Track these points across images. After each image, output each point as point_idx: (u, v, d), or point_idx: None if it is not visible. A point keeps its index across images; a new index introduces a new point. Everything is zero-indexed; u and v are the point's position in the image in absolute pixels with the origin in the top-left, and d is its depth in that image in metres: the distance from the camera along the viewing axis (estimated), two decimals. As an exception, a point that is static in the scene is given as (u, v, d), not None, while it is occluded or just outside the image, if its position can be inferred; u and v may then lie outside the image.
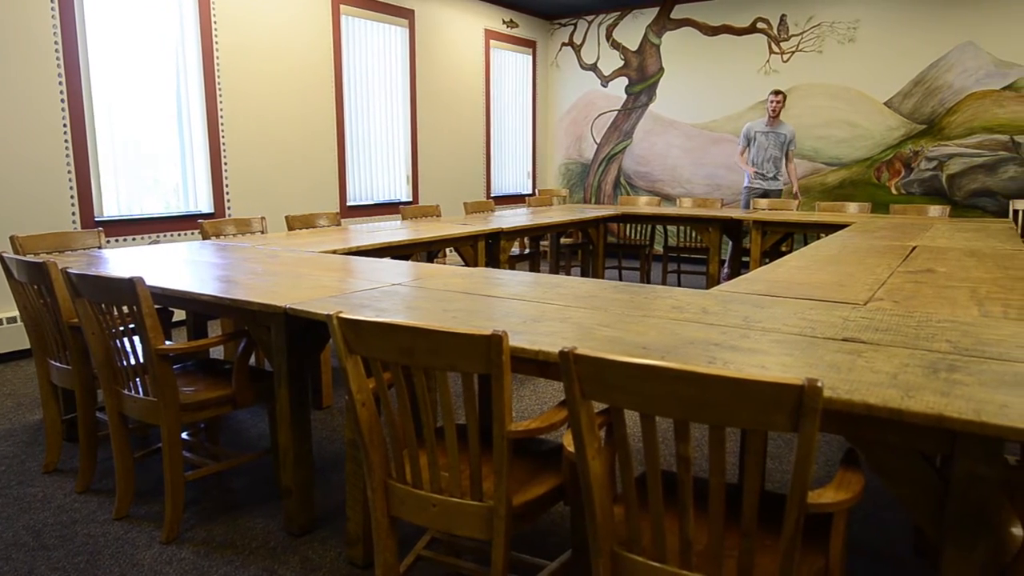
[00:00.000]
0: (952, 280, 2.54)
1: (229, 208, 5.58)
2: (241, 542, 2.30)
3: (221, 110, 5.46)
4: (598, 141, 9.22)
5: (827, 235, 4.19)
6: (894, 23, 7.25)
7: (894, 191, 7.43)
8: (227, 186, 5.55)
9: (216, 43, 5.37)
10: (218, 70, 5.41)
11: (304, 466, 2.33)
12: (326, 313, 1.60)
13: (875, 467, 1.34)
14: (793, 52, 7.81)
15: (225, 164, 5.52)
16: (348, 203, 6.67)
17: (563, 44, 9.33)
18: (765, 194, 6.61)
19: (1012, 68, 6.76)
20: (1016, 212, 6.57)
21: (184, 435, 2.86)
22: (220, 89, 5.44)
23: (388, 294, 2.29)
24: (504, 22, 8.59)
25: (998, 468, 1.21)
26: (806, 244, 3.99)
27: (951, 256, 3.16)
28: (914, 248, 3.43)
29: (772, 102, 6.47)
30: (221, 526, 2.41)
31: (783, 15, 7.82)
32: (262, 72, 5.76)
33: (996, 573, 1.32)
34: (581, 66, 9.23)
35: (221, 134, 5.47)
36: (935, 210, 5.55)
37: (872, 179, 7.51)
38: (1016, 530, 1.40)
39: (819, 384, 1.07)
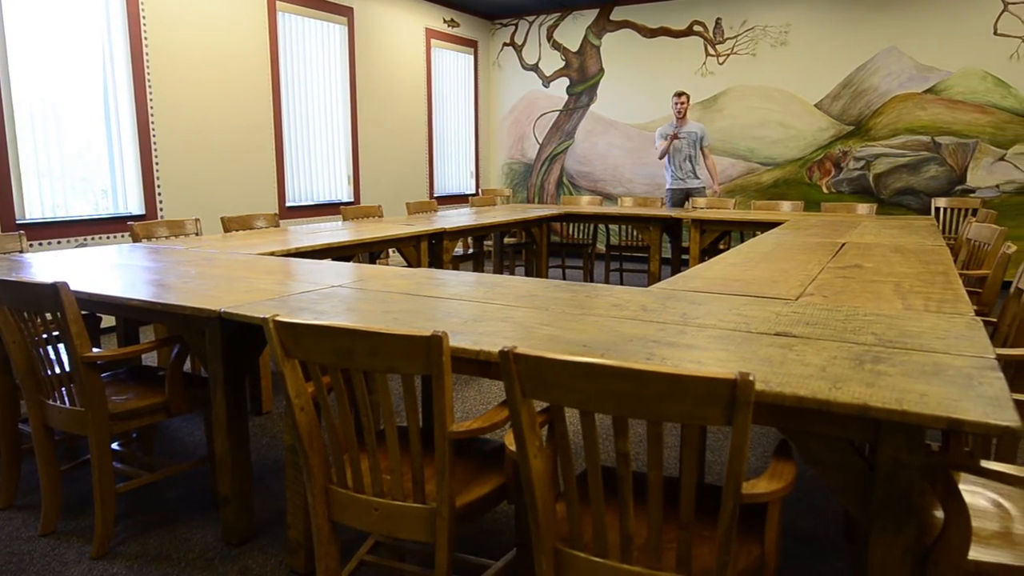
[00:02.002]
0: (878, 275, 2.64)
1: (161, 210, 5.40)
2: (177, 554, 2.23)
3: (151, 109, 5.28)
4: (540, 141, 9.27)
5: (762, 233, 4.31)
6: (822, 28, 7.52)
7: (825, 190, 7.70)
8: (159, 187, 5.36)
9: (145, 39, 5.19)
10: (147, 67, 5.23)
11: (242, 474, 2.27)
12: (262, 316, 1.57)
13: (806, 457, 1.39)
14: (728, 55, 8.01)
15: (157, 164, 5.34)
16: (287, 204, 6.54)
17: (504, 44, 9.35)
18: (687, 194, 6.78)
19: (932, 72, 7.09)
20: (938, 210, 6.89)
21: (115, 445, 2.76)
22: (150, 87, 5.26)
23: (328, 296, 2.25)
24: (445, 21, 8.56)
25: (920, 455, 1.27)
26: (743, 242, 4.10)
27: (877, 252, 3.29)
28: (843, 245, 3.56)
29: (676, 104, 6.66)
30: (155, 538, 2.33)
31: (718, 18, 8.01)
32: (195, 69, 5.59)
33: (919, 554, 1.38)
34: (523, 66, 9.27)
35: (152, 133, 5.29)
36: (863, 208, 5.78)
37: (804, 178, 7.77)
38: (937, 513, 1.47)
39: (751, 378, 1.10)
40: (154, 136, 5.31)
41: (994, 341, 2.33)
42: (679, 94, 6.66)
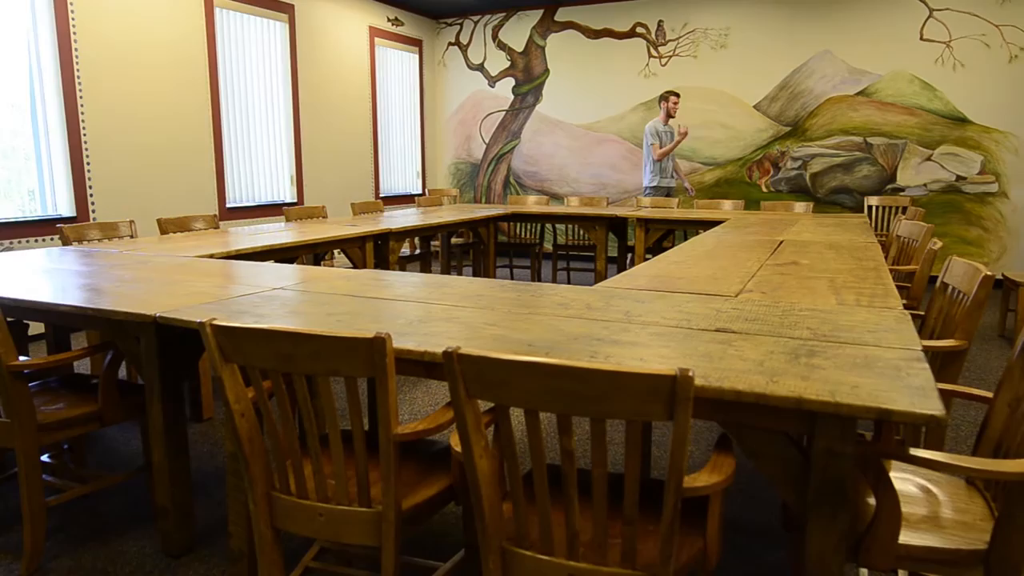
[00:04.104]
0: (814, 271, 2.73)
1: (94, 212, 5.20)
2: (112, 568, 2.15)
3: (82, 106, 5.08)
4: (487, 141, 9.27)
5: (704, 231, 4.40)
6: (760, 32, 7.72)
7: (764, 189, 7.91)
8: (91, 188, 5.17)
9: (74, 34, 4.99)
10: (77, 63, 5.03)
11: (181, 483, 2.21)
12: (199, 321, 1.52)
13: (745, 449, 1.42)
14: (671, 56, 8.16)
15: (88, 165, 5.14)
16: (228, 205, 6.37)
17: (450, 43, 9.32)
18: (668, 192, 6.85)
19: (864, 75, 7.36)
20: (870, 208, 7.15)
21: (45, 457, 2.65)
22: (80, 84, 5.06)
23: (269, 299, 2.20)
24: (389, 20, 8.48)
25: (852, 444, 1.31)
26: (687, 240, 4.18)
27: (813, 249, 3.40)
28: (781, 242, 3.66)
29: (670, 104, 6.71)
30: (89, 553, 2.24)
31: (660, 21, 8.15)
32: (128, 65, 5.40)
33: (853, 540, 1.43)
34: (468, 66, 9.25)
35: (83, 132, 5.09)
36: (800, 206, 5.96)
37: (745, 178, 7.97)
38: (870, 500, 1.52)
39: (690, 374, 1.12)
40: (85, 135, 5.11)
41: (922, 333, 2.44)
42: (673, 94, 6.72)
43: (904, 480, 1.70)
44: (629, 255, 6.30)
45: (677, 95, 6.78)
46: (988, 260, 7.06)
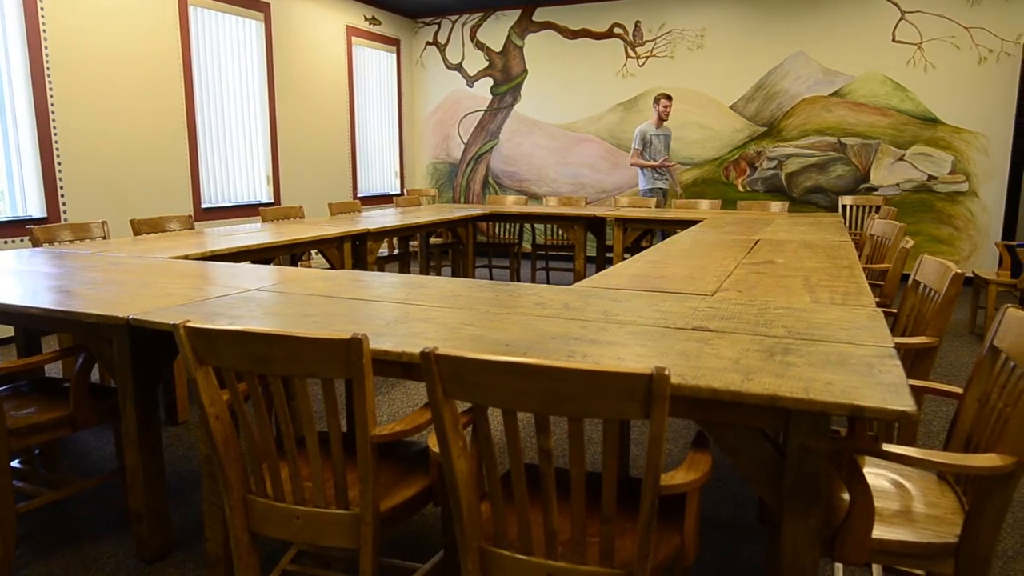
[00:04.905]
0: (789, 270, 2.76)
1: (65, 213, 5.11)
2: (86, 575, 2.12)
3: (52, 105, 4.99)
4: (465, 141, 9.26)
5: (682, 231, 4.43)
6: (736, 33, 7.79)
7: (741, 188, 7.99)
8: (62, 189, 5.08)
9: (44, 31, 4.90)
10: (47, 60, 4.94)
11: (156, 487, 2.18)
12: (172, 323, 1.50)
13: (722, 446, 1.44)
14: (648, 57, 8.20)
15: (59, 165, 5.05)
16: (203, 205, 6.30)
17: (427, 43, 9.29)
18: (664, 194, 6.83)
19: (838, 76, 7.45)
20: (844, 207, 7.25)
21: (15, 463, 2.60)
22: (50, 82, 4.97)
23: (245, 300, 2.18)
24: (366, 19, 8.43)
25: (826, 440, 1.33)
26: (664, 239, 4.20)
27: (789, 248, 3.43)
28: (757, 241, 3.70)
29: (663, 107, 6.68)
30: (62, 559, 2.20)
31: (637, 21, 8.19)
32: (100, 64, 5.32)
33: (828, 535, 1.45)
34: (446, 65, 9.23)
35: (53, 131, 5.00)
36: (776, 206, 6.02)
37: (721, 177, 8.03)
38: (844, 495, 1.54)
39: (667, 372, 1.12)
40: (55, 134, 5.02)
41: (895, 330, 2.47)
42: (668, 97, 6.70)
43: (877, 475, 1.73)
44: (608, 254, 6.33)
45: (669, 97, 6.73)
46: (959, 258, 7.19)
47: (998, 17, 6.82)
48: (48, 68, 4.95)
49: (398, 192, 9.24)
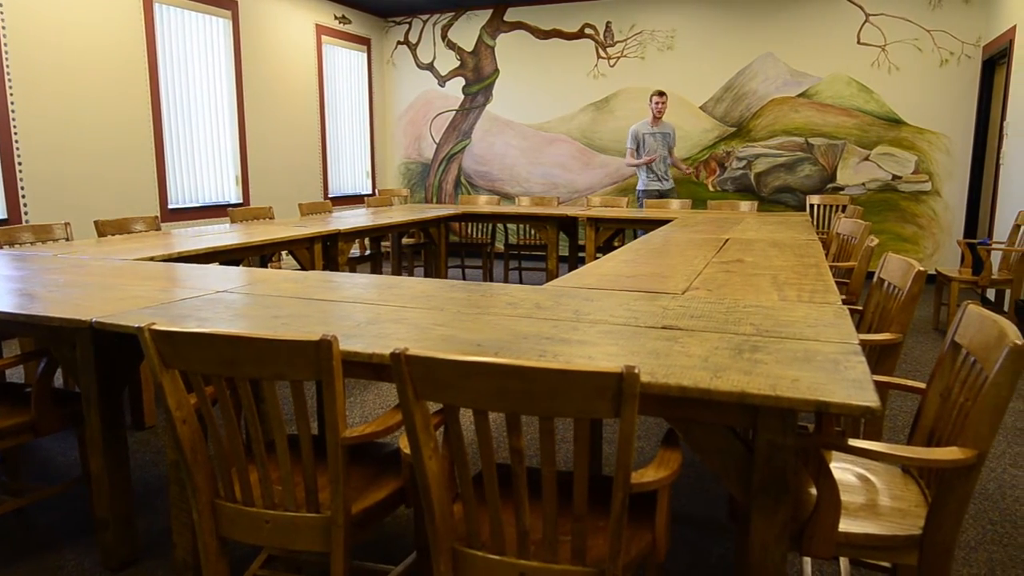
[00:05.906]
0: (757, 269, 2.79)
1: (26, 214, 4.99)
2: (49, 584, 2.07)
3: (12, 103, 4.87)
4: (437, 141, 9.23)
5: (653, 230, 4.46)
6: (706, 34, 7.87)
7: (711, 188, 8.07)
8: (23, 189, 4.96)
9: (3, 28, 4.78)
10: (6, 58, 4.82)
11: (122, 493, 2.14)
12: (137, 326, 1.48)
13: (691, 444, 1.45)
14: (619, 57, 8.25)
15: (20, 165, 4.93)
16: (170, 206, 6.20)
17: (399, 42, 9.24)
18: (661, 195, 6.69)
19: (805, 78, 7.57)
20: (812, 206, 7.37)
21: (-25, 471, 2.53)
22: (10, 82, 4.85)
23: (212, 302, 2.15)
24: (336, 18, 8.36)
25: (793, 436, 1.35)
26: (636, 239, 4.23)
27: (757, 247, 3.48)
28: (727, 240, 3.74)
29: (657, 104, 6.59)
30: (24, 568, 2.15)
31: (608, 22, 8.24)
32: (62, 61, 5.20)
33: (795, 529, 1.47)
34: (418, 65, 9.19)
35: (13, 132, 4.88)
36: (745, 205, 6.10)
37: (692, 177, 8.11)
38: (811, 490, 1.56)
39: (636, 371, 1.13)
40: (16, 133, 4.90)
41: (860, 327, 2.52)
42: (659, 93, 6.60)
43: (844, 470, 1.76)
44: (580, 254, 6.35)
45: (662, 93, 6.62)
46: (922, 256, 7.35)
47: (959, 20, 6.99)
48: (7, 64, 4.83)
49: (370, 192, 9.18)
